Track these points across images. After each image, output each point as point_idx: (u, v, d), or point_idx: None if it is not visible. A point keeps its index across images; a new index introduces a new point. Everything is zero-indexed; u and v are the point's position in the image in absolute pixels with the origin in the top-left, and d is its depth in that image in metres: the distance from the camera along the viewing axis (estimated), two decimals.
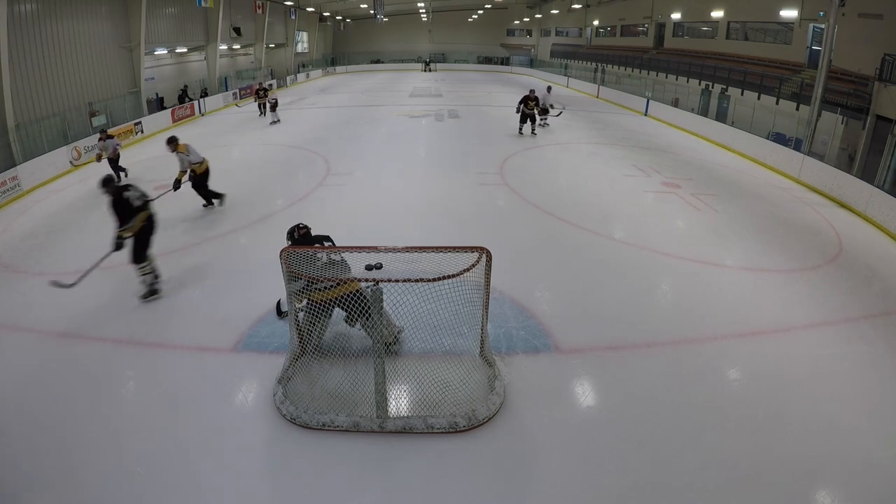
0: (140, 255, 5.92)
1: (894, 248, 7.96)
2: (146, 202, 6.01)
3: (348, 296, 4.26)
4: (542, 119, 15.57)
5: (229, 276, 6.61)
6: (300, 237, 4.94)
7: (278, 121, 17.15)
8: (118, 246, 5.79)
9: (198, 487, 3.54)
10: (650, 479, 3.62)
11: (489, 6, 42.85)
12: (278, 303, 5.54)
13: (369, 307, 3.77)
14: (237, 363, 4.84)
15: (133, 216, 5.79)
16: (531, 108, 14.69)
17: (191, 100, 20.70)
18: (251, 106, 19.40)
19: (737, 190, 10.51)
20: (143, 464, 3.70)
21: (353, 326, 4.82)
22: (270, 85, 18.62)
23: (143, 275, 5.95)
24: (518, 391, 4.42)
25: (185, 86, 22.17)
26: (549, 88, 16.45)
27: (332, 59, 44.01)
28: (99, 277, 6.58)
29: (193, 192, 8.72)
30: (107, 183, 5.96)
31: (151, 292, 5.99)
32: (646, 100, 20.30)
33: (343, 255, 4.77)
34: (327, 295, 4.37)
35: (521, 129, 15.07)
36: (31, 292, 6.24)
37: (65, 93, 14.41)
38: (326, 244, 4.90)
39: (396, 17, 43.28)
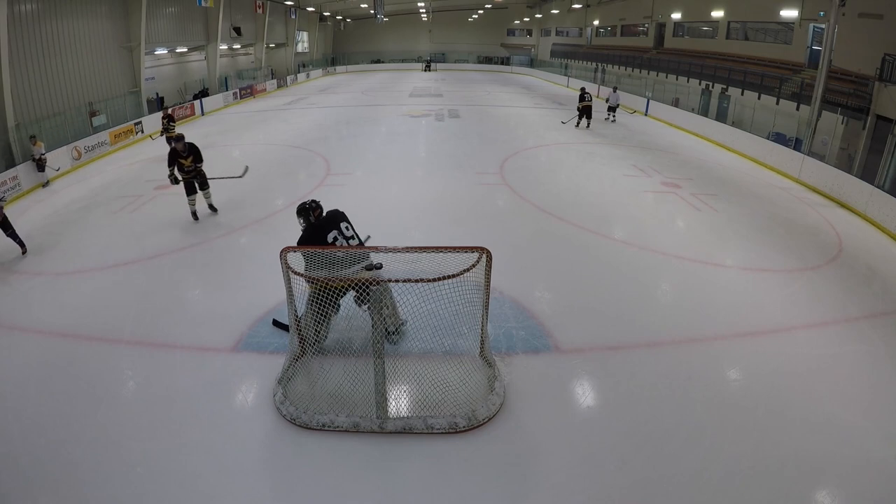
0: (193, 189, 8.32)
1: (894, 248, 7.96)
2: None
3: (365, 280, 4.10)
4: (611, 115, 17.70)
5: (229, 276, 6.61)
6: (317, 220, 4.81)
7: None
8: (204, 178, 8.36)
9: (198, 488, 3.54)
10: (650, 479, 3.62)
11: (489, 6, 42.86)
12: (274, 320, 5.38)
13: (382, 295, 3.76)
14: (237, 363, 4.84)
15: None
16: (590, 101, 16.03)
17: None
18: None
19: (737, 190, 10.50)
20: (144, 464, 3.70)
21: (361, 307, 4.67)
22: (169, 114, 13.39)
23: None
24: (518, 391, 4.42)
25: (203, 82, 22.08)
26: (615, 89, 18.19)
27: (333, 58, 44.02)
28: (99, 277, 6.60)
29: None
30: (182, 137, 8.23)
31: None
32: (646, 100, 20.31)
33: (356, 233, 4.85)
34: (344, 282, 4.21)
35: (577, 122, 16.48)
36: (31, 292, 6.24)
37: (65, 93, 14.39)
38: (342, 225, 4.80)
39: (396, 17, 43.30)
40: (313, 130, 16.25)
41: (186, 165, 8.14)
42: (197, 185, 8.34)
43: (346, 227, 4.81)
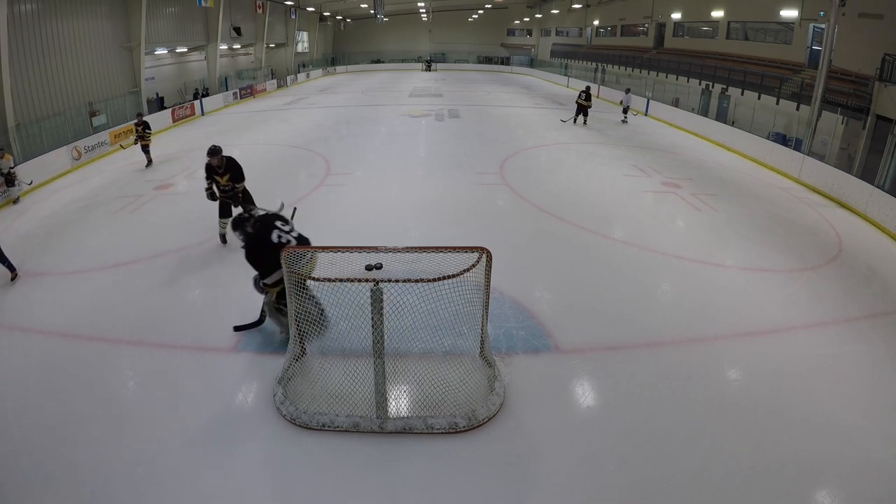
0: (228, 211, 7.23)
1: (894, 248, 7.96)
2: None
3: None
4: (624, 117, 18.07)
5: (229, 276, 6.60)
6: (254, 229, 4.75)
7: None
8: (238, 198, 7.17)
9: (198, 488, 3.54)
10: (650, 479, 3.62)
11: (489, 6, 42.88)
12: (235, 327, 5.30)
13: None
14: (237, 363, 4.84)
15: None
16: (587, 101, 16.49)
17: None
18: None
19: (737, 190, 10.50)
20: (144, 464, 3.70)
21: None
22: (144, 121, 12.03)
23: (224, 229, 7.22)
24: (518, 391, 4.42)
25: (203, 82, 22.23)
26: (627, 90, 18.65)
27: (333, 58, 44.02)
28: (99, 277, 6.60)
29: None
30: (218, 151, 6.84)
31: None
32: (646, 100, 20.30)
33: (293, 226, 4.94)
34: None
35: (574, 119, 16.89)
36: (31, 292, 6.23)
37: (65, 93, 14.41)
38: (277, 223, 4.82)
39: (396, 17, 43.30)
40: (313, 130, 16.24)
41: (223, 184, 7.02)
42: (239, 206, 7.14)
43: (282, 224, 4.83)
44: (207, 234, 7.84)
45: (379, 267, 5.99)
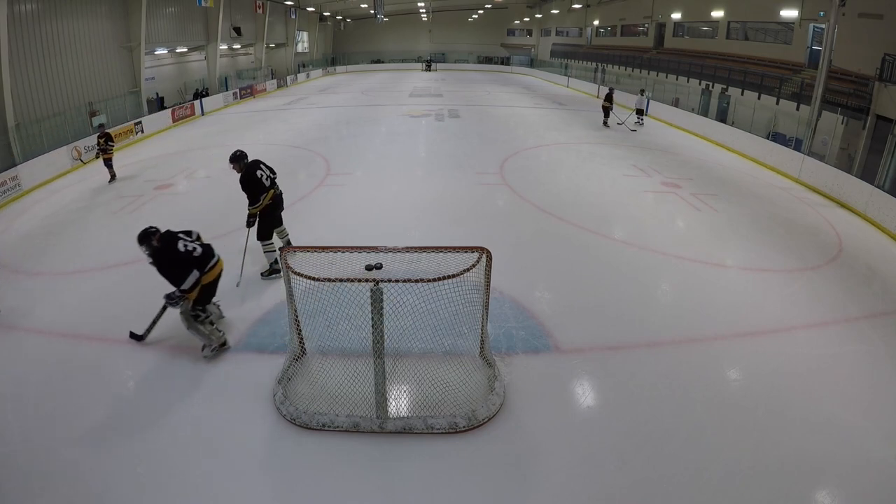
0: (264, 232, 6.24)
1: (894, 248, 7.96)
2: (273, 181, 6.27)
3: (220, 274, 4.96)
4: (638, 118, 17.63)
5: (229, 276, 6.59)
6: (160, 242, 4.67)
7: None
8: (250, 223, 6.19)
9: (198, 488, 3.54)
10: (650, 479, 3.62)
11: (489, 6, 42.91)
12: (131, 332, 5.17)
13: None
14: (237, 363, 4.84)
15: (262, 194, 6.13)
16: (608, 103, 16.88)
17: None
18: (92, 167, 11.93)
19: (737, 190, 10.50)
20: (144, 464, 3.70)
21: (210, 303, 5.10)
22: (106, 133, 11.07)
23: (266, 252, 6.26)
24: (518, 391, 4.42)
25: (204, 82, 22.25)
26: (642, 91, 18.54)
27: (333, 58, 44.04)
28: (99, 277, 6.59)
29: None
30: (238, 159, 6.19)
31: (273, 270, 6.27)
32: (646, 99, 20.29)
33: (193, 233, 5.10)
34: (211, 276, 4.83)
35: (604, 121, 17.09)
36: (31, 292, 6.23)
37: (65, 93, 14.40)
38: (180, 233, 4.89)
39: (396, 17, 43.32)
40: (313, 130, 16.25)
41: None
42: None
43: (186, 235, 4.94)
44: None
45: (379, 267, 5.99)
